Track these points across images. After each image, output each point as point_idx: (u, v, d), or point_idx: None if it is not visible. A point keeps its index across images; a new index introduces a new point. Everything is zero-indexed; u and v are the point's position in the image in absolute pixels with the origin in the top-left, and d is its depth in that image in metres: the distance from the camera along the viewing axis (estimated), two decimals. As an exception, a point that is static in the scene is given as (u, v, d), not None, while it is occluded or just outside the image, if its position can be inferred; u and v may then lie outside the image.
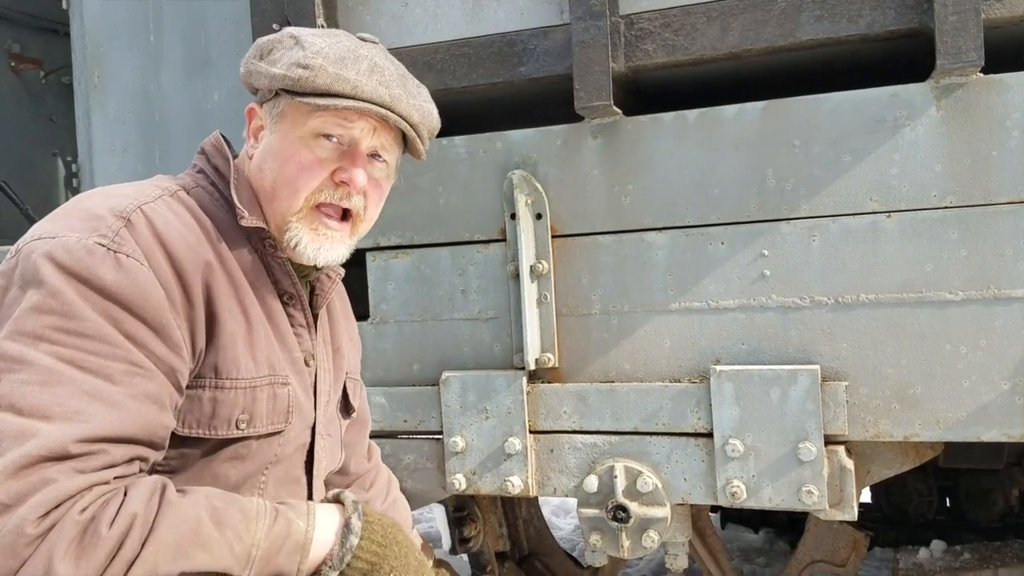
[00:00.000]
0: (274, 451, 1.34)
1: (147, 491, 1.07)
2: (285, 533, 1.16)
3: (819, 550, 2.16)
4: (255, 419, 1.28)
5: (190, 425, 1.22)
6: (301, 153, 1.28)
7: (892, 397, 1.74)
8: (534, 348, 2.01)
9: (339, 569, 1.20)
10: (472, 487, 2.08)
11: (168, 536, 1.05)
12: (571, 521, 4.36)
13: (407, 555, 1.28)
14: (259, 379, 1.28)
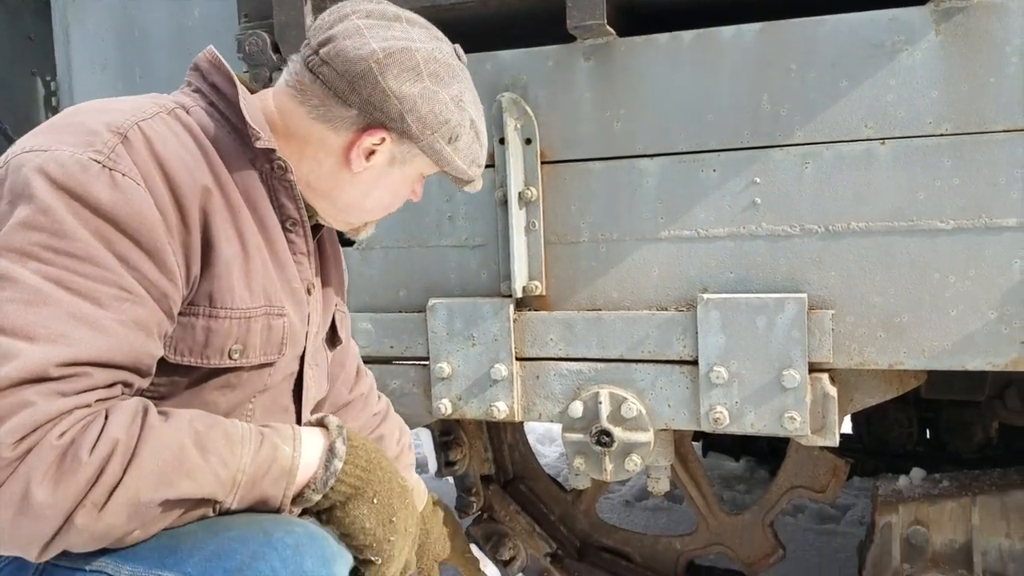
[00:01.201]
0: (264, 381, 1.32)
1: (129, 415, 1.05)
2: (271, 458, 1.15)
3: (799, 476, 2.20)
4: (248, 350, 1.25)
5: (182, 353, 1.20)
6: (406, 189, 1.42)
7: (878, 326, 1.74)
8: (521, 276, 1.99)
9: (322, 492, 1.20)
10: (458, 412, 2.09)
11: (151, 462, 1.03)
12: (556, 449, 4.42)
13: (391, 480, 1.28)
14: (254, 310, 1.25)
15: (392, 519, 1.26)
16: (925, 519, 1.96)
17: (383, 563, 1.26)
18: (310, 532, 1.16)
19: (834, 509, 3.32)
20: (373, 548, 1.25)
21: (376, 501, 1.24)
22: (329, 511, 1.23)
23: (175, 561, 1.08)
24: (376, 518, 1.24)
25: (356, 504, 1.23)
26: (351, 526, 1.23)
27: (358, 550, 1.25)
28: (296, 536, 1.13)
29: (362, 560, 1.26)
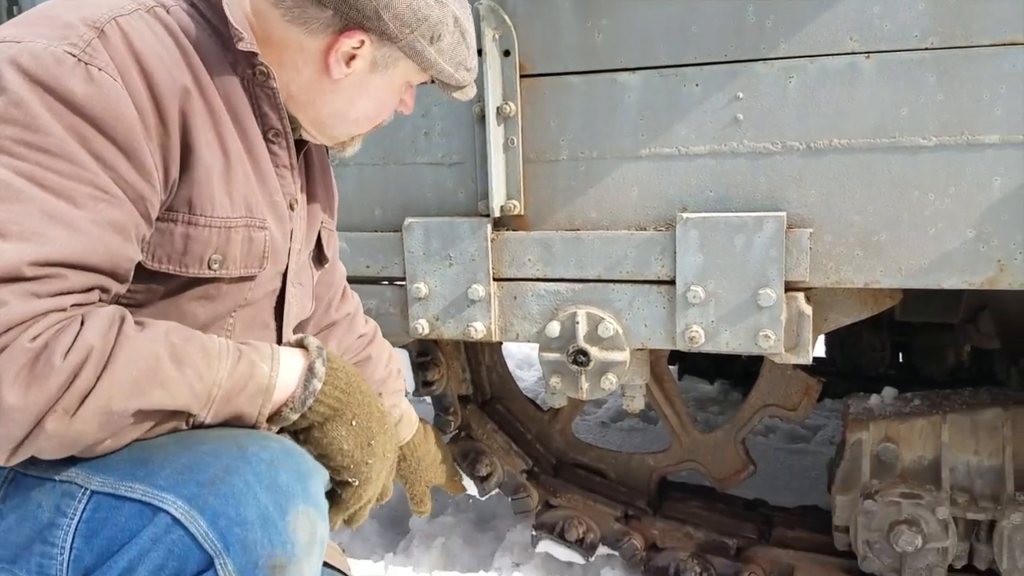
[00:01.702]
0: (244, 295, 1.29)
1: (105, 322, 1.02)
2: (248, 375, 1.13)
3: (772, 395, 2.22)
4: (228, 261, 1.22)
5: (160, 260, 1.16)
6: (393, 98, 1.37)
7: (856, 244, 1.73)
8: (499, 195, 1.96)
9: (300, 412, 1.19)
10: (435, 332, 2.09)
11: (125, 372, 1.01)
12: (535, 373, 4.45)
13: (370, 404, 1.27)
14: (235, 220, 1.21)
15: (371, 442, 1.25)
16: (895, 436, 2.00)
17: (360, 485, 1.26)
18: (285, 448, 1.15)
19: (805, 429, 3.38)
20: (351, 470, 1.24)
21: (355, 424, 1.23)
22: (307, 431, 1.23)
23: (146, 473, 1.06)
24: (354, 440, 1.23)
25: (334, 425, 1.22)
26: (329, 447, 1.22)
27: (335, 471, 1.24)
28: (271, 451, 1.12)
29: (339, 481, 1.26)
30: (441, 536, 2.53)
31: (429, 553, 2.45)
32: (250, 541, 1.04)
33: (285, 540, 1.07)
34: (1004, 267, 1.65)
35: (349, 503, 1.27)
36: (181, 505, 1.03)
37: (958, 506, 1.92)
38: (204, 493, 1.04)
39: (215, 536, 1.03)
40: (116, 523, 1.04)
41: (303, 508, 1.10)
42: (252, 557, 1.04)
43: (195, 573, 1.03)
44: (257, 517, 1.05)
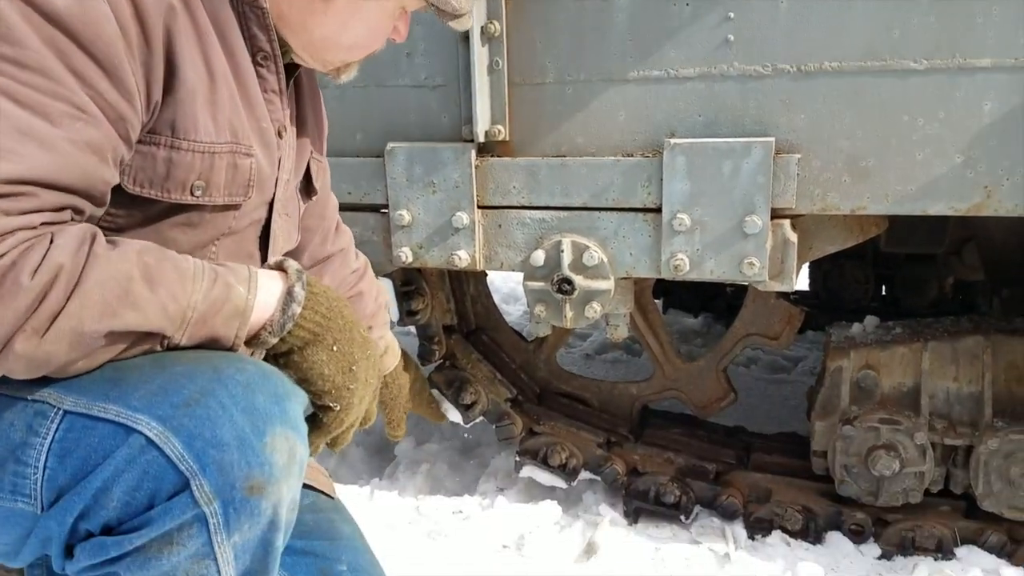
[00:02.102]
0: (228, 223, 1.26)
1: (75, 241, 0.98)
2: (224, 297, 1.10)
3: (755, 324, 2.23)
4: (211, 187, 1.18)
5: (141, 184, 1.12)
6: (386, 24, 1.32)
7: (843, 170, 1.72)
8: (484, 119, 1.92)
9: (279, 336, 1.16)
10: (419, 261, 2.07)
11: (96, 292, 0.98)
12: (520, 307, 4.46)
13: (351, 329, 1.24)
14: (219, 145, 1.17)
15: (352, 368, 1.24)
16: (876, 364, 2.01)
17: (342, 410, 1.25)
18: (262, 370, 1.13)
19: (786, 360, 3.42)
20: (332, 395, 1.23)
21: (336, 349, 1.21)
22: (287, 355, 1.21)
23: (119, 394, 1.04)
24: (335, 365, 1.22)
25: (315, 350, 1.20)
26: (309, 371, 1.21)
27: (316, 396, 1.23)
28: (247, 374, 1.10)
29: (320, 406, 1.25)
30: (426, 463, 2.55)
31: (415, 479, 2.47)
32: (226, 463, 1.03)
33: (263, 461, 1.06)
34: (991, 193, 1.64)
35: (331, 427, 1.27)
36: (155, 426, 1.02)
37: (936, 432, 1.95)
38: (179, 414, 1.03)
39: (191, 457, 1.02)
40: (89, 444, 1.03)
41: (281, 430, 1.08)
42: (229, 478, 1.03)
43: (171, 494, 1.02)
44: (233, 439, 1.04)
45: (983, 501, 1.94)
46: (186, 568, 1.06)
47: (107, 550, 1.04)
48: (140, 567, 1.04)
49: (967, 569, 1.95)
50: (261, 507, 1.07)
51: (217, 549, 1.06)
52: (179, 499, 1.02)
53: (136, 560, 1.04)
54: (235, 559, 1.09)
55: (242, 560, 1.10)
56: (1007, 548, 1.98)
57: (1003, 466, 1.89)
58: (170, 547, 1.04)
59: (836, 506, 2.10)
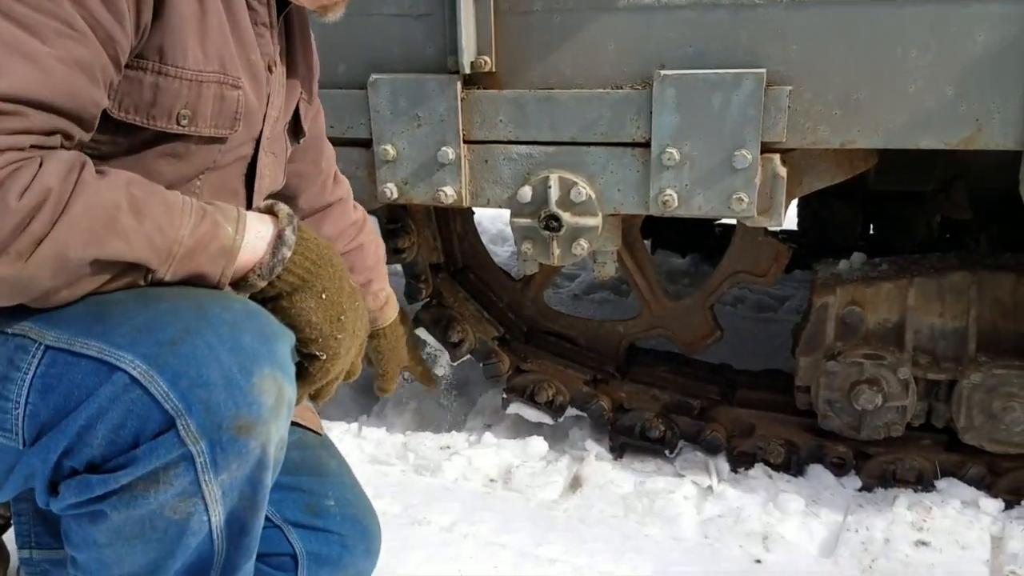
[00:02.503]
0: (213, 157, 1.23)
1: (64, 166, 0.96)
2: (211, 235, 1.08)
3: (742, 261, 2.23)
4: (198, 118, 1.15)
5: (127, 109, 1.09)
6: None
7: (835, 103, 1.69)
8: (470, 50, 1.88)
9: (268, 279, 1.14)
10: (404, 197, 2.04)
11: (82, 219, 0.96)
12: (508, 248, 4.45)
13: (341, 279, 1.22)
14: (207, 74, 1.14)
15: (340, 317, 1.22)
16: (861, 300, 2.02)
17: (328, 360, 1.23)
18: (248, 309, 1.11)
19: (772, 299, 3.43)
20: (319, 343, 1.21)
21: (324, 297, 1.19)
22: (275, 300, 1.19)
23: (103, 330, 1.03)
24: (323, 313, 1.20)
25: (303, 296, 1.18)
26: (297, 317, 1.19)
27: (303, 343, 1.21)
28: (233, 312, 1.08)
29: (306, 354, 1.23)
30: (414, 400, 2.57)
31: (403, 416, 2.49)
32: (213, 403, 1.02)
33: (251, 402, 1.05)
34: (981, 126, 1.63)
35: (316, 377, 1.25)
36: (139, 364, 1.00)
37: (919, 367, 1.96)
38: (163, 353, 1.01)
39: (176, 397, 1.01)
40: (72, 380, 1.02)
41: (269, 370, 1.07)
42: (216, 418, 1.02)
43: (156, 433, 1.01)
44: (220, 378, 1.02)
45: (964, 435, 1.97)
46: (173, 506, 1.06)
47: (92, 488, 1.03)
48: (126, 505, 1.04)
49: (946, 501, 1.99)
50: (249, 447, 1.07)
51: (204, 488, 1.06)
52: (165, 438, 1.01)
53: (122, 498, 1.04)
54: (223, 497, 1.09)
55: (230, 498, 1.10)
56: (986, 480, 2.02)
57: (985, 400, 1.91)
58: (156, 486, 1.03)
59: (818, 440, 2.13)
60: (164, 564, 1.10)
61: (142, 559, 1.09)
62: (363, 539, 1.63)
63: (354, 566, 1.62)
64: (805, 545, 1.90)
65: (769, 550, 1.87)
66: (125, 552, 1.09)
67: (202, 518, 1.08)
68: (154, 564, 1.10)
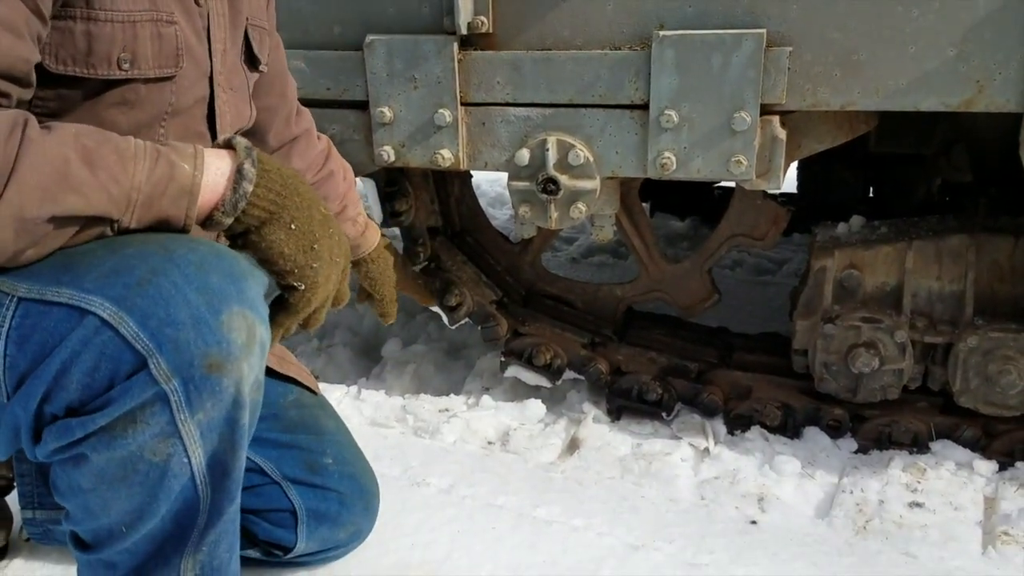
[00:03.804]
0: (167, 99, 1.22)
1: (5, 128, 0.95)
2: (168, 176, 1.07)
3: (740, 224, 2.22)
4: (139, 59, 1.14)
5: (64, 61, 1.08)
6: None
7: (835, 63, 1.67)
8: (466, 10, 1.85)
9: (232, 216, 1.13)
10: (401, 160, 2.03)
11: (31, 177, 0.95)
12: (506, 211, 4.43)
13: (310, 207, 1.21)
14: (138, 13, 1.12)
15: (314, 246, 1.20)
16: (860, 263, 2.01)
17: (307, 289, 1.22)
18: (216, 250, 1.12)
19: (771, 262, 3.43)
20: (295, 274, 1.20)
21: (294, 227, 1.18)
22: (244, 236, 1.18)
23: (72, 278, 1.04)
24: (295, 244, 1.19)
25: (272, 229, 1.16)
26: (268, 251, 1.18)
27: (279, 275, 1.21)
28: (199, 253, 1.09)
29: (285, 286, 1.23)
30: (413, 363, 2.58)
31: (401, 379, 2.50)
32: (182, 341, 1.03)
33: (220, 339, 1.06)
34: (982, 88, 1.61)
35: (298, 308, 1.25)
36: (108, 307, 1.02)
37: (917, 330, 1.97)
38: (131, 295, 1.03)
39: (146, 336, 1.02)
40: (45, 327, 1.03)
41: (238, 309, 1.08)
42: (186, 356, 1.04)
43: (129, 373, 1.03)
44: (188, 317, 1.04)
45: (960, 397, 1.98)
46: (152, 447, 1.07)
47: (72, 431, 1.05)
48: (106, 446, 1.06)
49: (941, 462, 2.01)
50: (222, 385, 1.08)
51: (181, 427, 1.08)
52: (138, 378, 1.03)
53: (101, 440, 1.06)
54: (201, 438, 1.10)
55: (209, 439, 1.11)
56: (981, 442, 2.03)
57: (981, 363, 1.92)
58: (134, 426, 1.05)
59: (815, 403, 2.14)
60: (149, 509, 1.12)
61: (126, 504, 1.11)
62: (361, 497, 1.65)
63: (353, 524, 1.64)
64: (800, 506, 1.92)
65: (764, 511, 1.89)
66: (110, 497, 1.11)
67: (182, 459, 1.10)
68: (139, 509, 1.12)
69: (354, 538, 1.67)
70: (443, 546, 1.76)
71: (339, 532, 1.62)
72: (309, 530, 1.57)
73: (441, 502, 1.92)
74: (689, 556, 1.73)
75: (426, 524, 1.84)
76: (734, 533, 1.82)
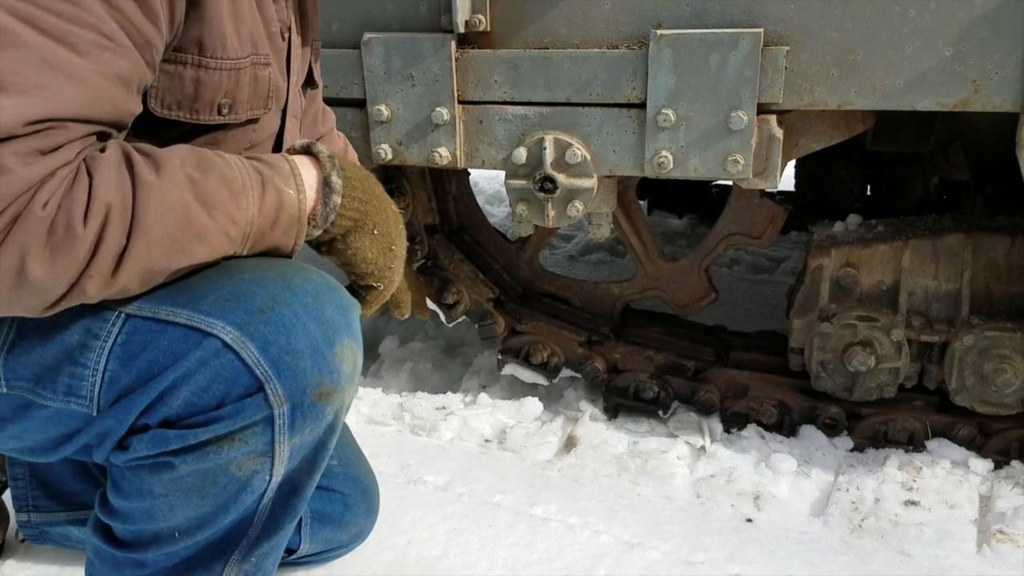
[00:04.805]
0: (249, 137, 1.23)
1: (114, 172, 0.94)
2: (277, 206, 1.08)
3: (738, 223, 2.22)
4: (237, 104, 1.15)
5: (169, 106, 1.09)
6: None
7: (832, 63, 1.67)
8: (464, 8, 1.85)
9: (323, 228, 1.16)
10: (399, 158, 2.03)
11: (157, 229, 0.95)
12: (504, 209, 4.43)
13: (387, 208, 1.24)
14: (243, 60, 1.13)
15: (392, 247, 1.25)
16: (856, 262, 2.02)
17: (384, 288, 1.28)
18: (327, 281, 1.16)
19: (768, 261, 3.43)
20: (375, 276, 1.25)
21: (376, 232, 1.22)
22: (330, 243, 1.21)
23: (188, 299, 1.05)
24: (377, 248, 1.23)
25: (357, 236, 1.20)
26: (353, 257, 1.22)
27: (360, 277, 1.25)
28: (314, 284, 1.12)
29: (363, 286, 1.27)
30: (410, 361, 2.58)
31: (399, 376, 2.50)
32: (300, 369, 1.06)
33: (332, 370, 1.10)
34: (979, 87, 1.61)
35: (372, 304, 1.30)
36: (231, 331, 1.04)
37: (913, 329, 1.97)
38: (255, 321, 1.05)
39: (266, 362, 1.05)
40: (158, 346, 1.04)
41: (347, 341, 1.12)
42: (301, 384, 1.07)
43: (242, 396, 1.05)
44: (307, 347, 1.07)
45: (955, 396, 1.98)
46: (240, 463, 1.10)
47: (168, 442, 1.07)
48: (196, 459, 1.08)
49: (936, 461, 2.01)
50: (325, 412, 1.12)
51: (277, 448, 1.11)
52: (253, 400, 1.06)
53: (194, 453, 1.07)
54: (289, 458, 1.13)
55: (295, 459, 1.15)
56: (976, 441, 2.04)
57: (977, 362, 1.92)
58: (231, 443, 1.08)
59: (811, 401, 2.14)
60: (214, 519, 1.14)
61: (193, 512, 1.13)
62: (364, 498, 1.66)
63: (355, 525, 1.65)
64: (796, 505, 1.92)
65: (760, 509, 1.89)
66: (178, 503, 1.12)
67: (265, 477, 1.13)
68: (203, 518, 1.14)
69: (356, 539, 1.68)
70: (439, 544, 1.77)
71: (342, 533, 1.63)
72: (313, 532, 1.58)
73: (438, 500, 1.93)
74: (685, 554, 1.74)
75: (423, 522, 1.84)
76: (730, 531, 1.82)
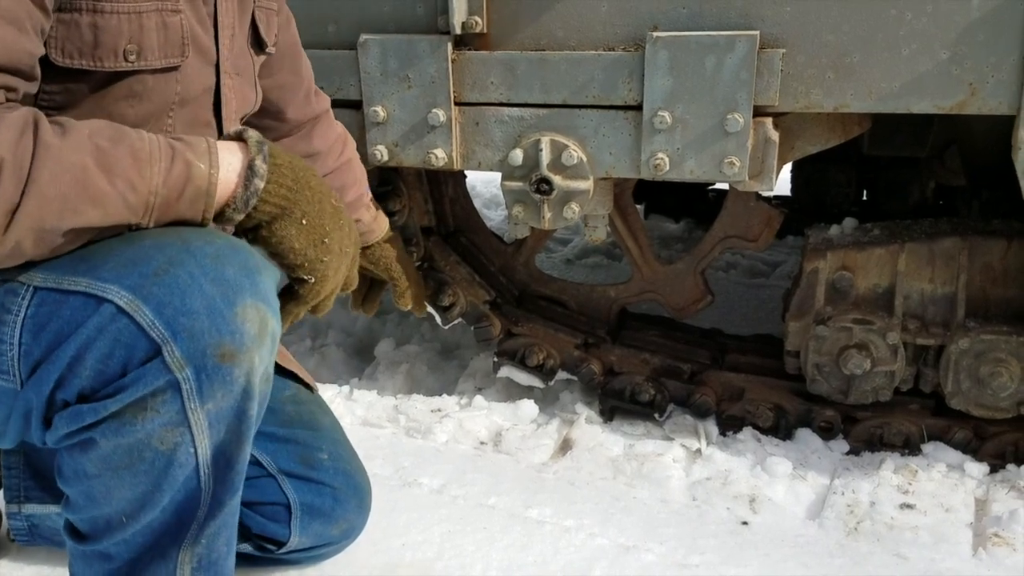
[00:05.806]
0: (174, 89, 1.21)
1: (15, 130, 0.94)
2: (184, 177, 1.07)
3: (734, 227, 2.22)
4: (145, 50, 1.13)
5: (71, 55, 1.08)
6: None
7: (828, 66, 1.68)
8: (460, 10, 1.86)
9: (243, 212, 1.14)
10: (395, 159, 2.03)
11: (50, 188, 0.95)
12: (501, 212, 4.43)
13: (321, 201, 1.21)
14: (144, 4, 1.11)
15: (324, 240, 1.22)
16: (852, 265, 2.02)
17: (316, 282, 1.24)
18: (231, 243, 1.13)
19: (765, 264, 3.43)
20: (305, 268, 1.22)
21: (305, 222, 1.19)
22: (255, 231, 1.19)
23: (88, 267, 1.05)
24: (306, 239, 1.20)
25: (283, 225, 1.17)
26: (279, 246, 1.19)
27: (289, 268, 1.22)
28: (216, 246, 1.10)
29: (295, 278, 1.24)
30: (406, 363, 2.57)
31: (394, 379, 2.50)
32: (197, 330, 1.04)
33: (233, 330, 1.07)
34: (975, 91, 1.61)
35: (307, 299, 1.27)
36: (125, 295, 1.03)
37: (909, 332, 1.97)
38: (148, 283, 1.03)
39: (161, 324, 1.03)
40: (61, 316, 1.04)
41: (251, 301, 1.09)
42: (200, 345, 1.05)
43: (143, 361, 1.04)
44: (203, 307, 1.05)
45: (951, 399, 1.98)
46: (160, 436, 1.08)
47: (83, 417, 1.06)
48: (115, 433, 1.07)
49: (932, 464, 2.01)
50: (233, 375, 1.09)
51: (191, 416, 1.08)
52: (151, 365, 1.04)
53: (111, 426, 1.06)
54: (209, 428, 1.11)
55: (216, 430, 1.12)
56: (972, 444, 2.04)
57: (973, 365, 1.92)
58: (144, 413, 1.06)
59: (807, 404, 2.14)
60: (151, 499, 1.12)
61: (129, 492, 1.12)
62: (355, 494, 1.65)
63: (346, 520, 1.64)
64: (791, 507, 1.92)
65: (756, 512, 1.89)
66: (113, 484, 1.11)
67: (188, 449, 1.11)
68: (141, 498, 1.12)
69: (347, 535, 1.67)
70: (434, 546, 1.76)
71: (332, 528, 1.62)
72: (302, 525, 1.57)
73: (433, 502, 1.92)
74: (680, 557, 1.73)
75: (417, 524, 1.83)
76: (725, 534, 1.82)
